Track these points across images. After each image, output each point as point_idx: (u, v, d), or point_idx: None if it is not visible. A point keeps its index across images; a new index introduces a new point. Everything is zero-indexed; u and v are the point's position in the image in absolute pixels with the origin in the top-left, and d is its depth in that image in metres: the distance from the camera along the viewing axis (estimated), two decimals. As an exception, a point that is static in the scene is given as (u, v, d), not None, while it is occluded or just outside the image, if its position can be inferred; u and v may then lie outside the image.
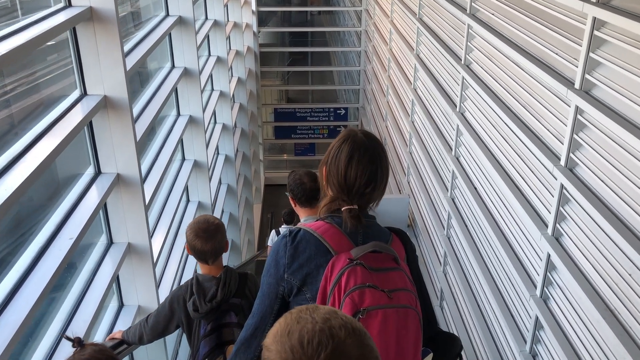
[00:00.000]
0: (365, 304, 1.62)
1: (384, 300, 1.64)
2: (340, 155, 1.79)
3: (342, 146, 1.80)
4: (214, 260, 2.71)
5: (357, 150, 1.78)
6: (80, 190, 3.61)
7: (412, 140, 8.93)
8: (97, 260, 3.87)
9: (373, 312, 1.62)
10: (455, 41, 6.64)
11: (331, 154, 1.83)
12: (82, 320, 3.29)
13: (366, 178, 1.79)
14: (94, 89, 3.62)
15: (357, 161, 1.77)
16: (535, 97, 4.40)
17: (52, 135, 3.06)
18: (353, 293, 1.63)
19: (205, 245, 2.65)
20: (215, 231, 2.68)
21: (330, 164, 1.81)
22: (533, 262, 4.40)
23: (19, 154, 2.83)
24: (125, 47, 4.42)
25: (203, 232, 2.66)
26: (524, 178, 4.59)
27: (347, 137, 1.82)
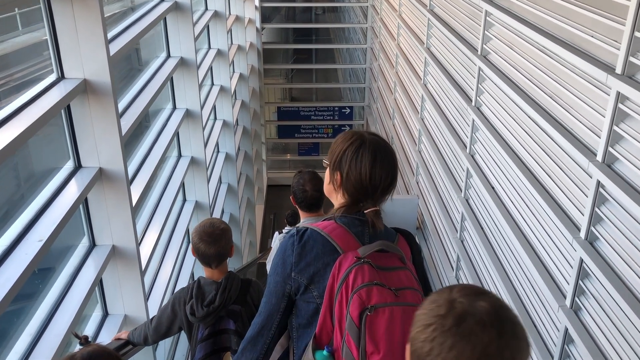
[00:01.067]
0: (372, 301, 1.63)
1: (390, 298, 1.65)
2: (362, 160, 1.78)
3: (361, 151, 1.79)
4: (217, 265, 2.71)
5: (379, 152, 1.79)
6: (56, 186, 3.20)
7: (422, 138, 8.50)
8: (77, 264, 3.46)
9: (380, 310, 1.62)
10: (470, 31, 6.21)
11: (347, 158, 1.80)
12: (54, 334, 2.86)
13: (390, 177, 1.82)
14: (72, 73, 3.21)
15: (381, 163, 1.79)
16: (566, 86, 3.97)
17: (20, 120, 2.66)
18: (361, 290, 1.63)
19: (209, 249, 2.66)
20: (220, 235, 2.69)
21: (350, 170, 1.79)
22: (562, 269, 3.96)
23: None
24: (113, 32, 4.03)
25: (207, 236, 2.67)
26: (552, 176, 4.16)
27: (359, 140, 1.82)
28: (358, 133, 1.85)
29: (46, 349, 2.79)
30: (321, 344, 1.74)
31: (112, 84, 3.25)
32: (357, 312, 1.62)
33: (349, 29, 18.31)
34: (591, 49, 3.66)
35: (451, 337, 1.07)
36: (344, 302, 1.66)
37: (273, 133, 17.07)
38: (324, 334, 1.74)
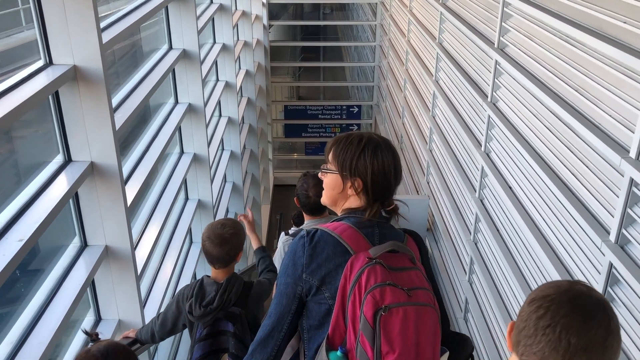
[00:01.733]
0: (386, 301, 1.63)
1: (403, 298, 1.65)
2: (382, 160, 1.79)
3: (379, 152, 1.80)
4: (220, 266, 2.69)
5: (389, 148, 1.81)
6: (42, 182, 2.95)
7: (433, 136, 8.21)
8: (67, 266, 3.21)
9: (394, 310, 1.62)
10: (486, 23, 5.93)
11: (368, 161, 1.79)
12: (38, 341, 2.62)
13: (399, 176, 1.84)
14: (61, 59, 2.96)
15: (396, 157, 1.82)
16: (593, 78, 3.69)
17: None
18: (374, 291, 1.63)
19: (214, 249, 2.65)
20: (227, 239, 2.65)
21: (374, 172, 1.79)
22: (588, 274, 3.68)
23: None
24: (108, 19, 3.79)
25: (215, 237, 2.65)
26: (577, 175, 3.87)
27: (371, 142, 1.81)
28: (363, 136, 1.85)
29: (28, 358, 2.55)
30: (334, 345, 1.73)
31: (105, 71, 3.01)
32: (371, 313, 1.62)
33: (357, 27, 18.03)
34: (623, 36, 3.38)
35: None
36: (357, 302, 1.66)
37: (280, 132, 16.81)
38: (336, 334, 1.73)
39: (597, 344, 1.22)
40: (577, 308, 1.24)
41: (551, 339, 1.23)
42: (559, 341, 1.22)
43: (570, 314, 1.23)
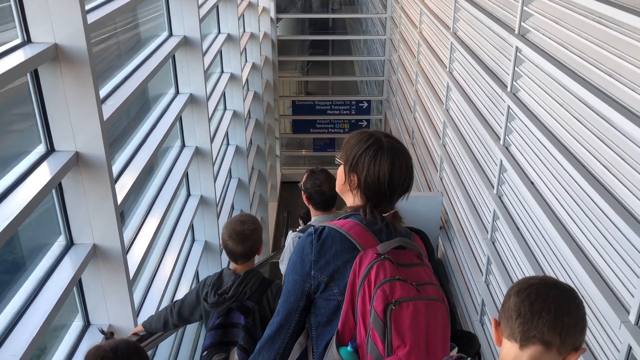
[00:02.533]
0: (396, 295, 1.63)
1: (413, 293, 1.65)
2: (380, 164, 1.78)
3: (379, 155, 1.79)
4: (243, 262, 2.74)
5: (397, 157, 1.79)
6: (21, 172, 2.66)
7: (447, 130, 7.87)
8: (50, 266, 2.92)
9: (404, 304, 1.62)
10: (505, 9, 5.58)
11: (365, 162, 1.80)
12: (10, 353, 2.32)
13: (407, 182, 1.83)
14: (40, 37, 2.66)
15: (399, 167, 1.79)
16: (631, 61, 3.34)
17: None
18: (384, 285, 1.63)
19: (237, 247, 2.69)
20: (249, 235, 2.70)
21: (368, 173, 1.79)
22: (624, 278, 3.34)
23: None
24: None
25: (236, 235, 2.69)
26: (610, 169, 3.53)
27: (377, 143, 1.81)
28: (374, 135, 1.84)
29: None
30: (344, 341, 1.73)
31: (90, 51, 2.70)
32: (381, 307, 1.62)
33: (366, 22, 17.68)
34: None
35: None
36: (367, 297, 1.66)
37: (287, 128, 16.51)
38: (346, 330, 1.73)
39: (581, 322, 1.38)
40: (562, 292, 1.38)
41: (548, 320, 1.34)
42: (555, 321, 1.34)
43: (558, 297, 1.36)
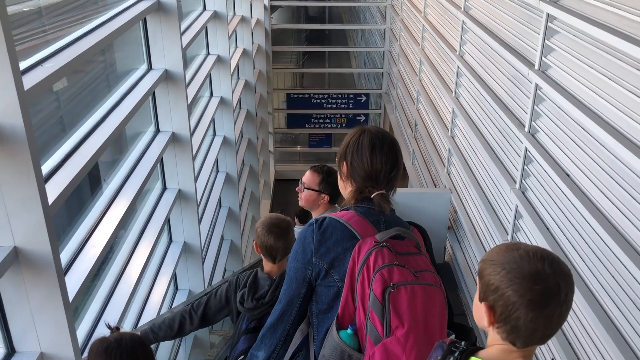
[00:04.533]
0: (394, 279, 1.69)
1: (411, 278, 1.71)
2: (362, 147, 1.89)
3: (361, 139, 1.91)
4: (281, 258, 2.69)
5: (377, 139, 1.90)
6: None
7: (456, 120, 7.12)
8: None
9: (402, 287, 1.68)
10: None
11: (350, 148, 1.93)
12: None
13: (390, 163, 1.90)
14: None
15: (380, 149, 1.89)
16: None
17: None
18: (382, 270, 1.70)
19: (277, 242, 2.64)
20: (287, 229, 2.68)
21: (353, 157, 1.91)
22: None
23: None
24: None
25: (276, 228, 2.65)
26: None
27: (361, 131, 1.95)
28: (361, 126, 1.98)
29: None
30: (344, 324, 1.78)
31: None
32: (380, 290, 1.67)
33: (364, 13, 16.93)
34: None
35: None
36: (366, 281, 1.71)
37: (282, 123, 15.74)
38: (346, 314, 1.78)
39: None
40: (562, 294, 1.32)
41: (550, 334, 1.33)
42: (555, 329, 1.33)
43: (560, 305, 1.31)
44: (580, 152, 3.88)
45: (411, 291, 1.67)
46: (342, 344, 1.74)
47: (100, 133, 3.34)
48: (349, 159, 1.90)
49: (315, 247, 1.82)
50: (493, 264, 1.33)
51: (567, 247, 4.01)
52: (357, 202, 1.87)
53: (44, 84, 2.45)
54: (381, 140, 1.89)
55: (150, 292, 4.65)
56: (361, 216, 1.84)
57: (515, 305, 1.28)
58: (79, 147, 3.11)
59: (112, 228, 3.36)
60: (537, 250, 1.32)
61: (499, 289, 1.31)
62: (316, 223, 1.84)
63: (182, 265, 5.33)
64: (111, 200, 3.72)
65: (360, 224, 1.83)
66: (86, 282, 2.88)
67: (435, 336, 1.69)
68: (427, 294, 1.70)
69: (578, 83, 3.91)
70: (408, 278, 1.69)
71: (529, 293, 1.27)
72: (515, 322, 1.29)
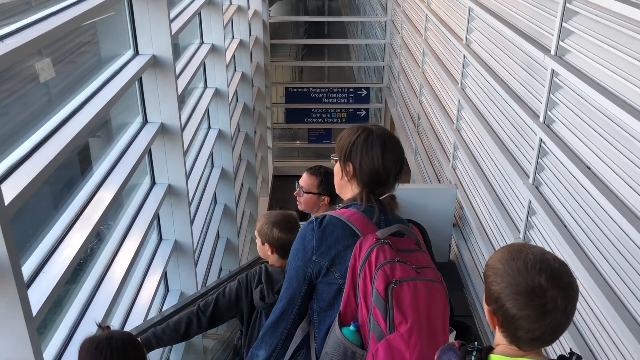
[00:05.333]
0: (396, 275, 1.69)
1: (413, 274, 1.72)
2: (373, 147, 1.86)
3: (370, 138, 1.88)
4: None
5: (387, 140, 1.88)
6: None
7: (462, 112, 6.80)
8: None
9: (405, 283, 1.68)
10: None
11: (358, 148, 1.88)
12: None
13: (400, 164, 1.90)
14: None
15: (391, 150, 1.88)
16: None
17: None
18: (385, 266, 1.69)
19: (289, 237, 2.57)
20: (296, 224, 2.65)
21: (362, 158, 1.87)
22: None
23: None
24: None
25: (285, 223, 2.63)
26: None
27: (367, 131, 1.91)
28: (363, 126, 1.94)
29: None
30: (346, 322, 1.77)
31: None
32: (382, 286, 1.66)
33: (364, 8, 16.59)
34: None
35: None
36: (367, 278, 1.71)
37: (280, 119, 15.40)
38: (348, 312, 1.77)
39: None
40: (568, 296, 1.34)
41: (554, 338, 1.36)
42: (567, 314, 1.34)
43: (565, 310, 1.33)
44: (602, 142, 3.56)
45: (414, 287, 1.68)
46: (345, 340, 1.74)
47: (76, 122, 3.02)
48: (357, 160, 1.87)
49: (315, 244, 1.81)
50: (495, 273, 1.36)
51: (587, 246, 3.70)
52: (354, 202, 1.87)
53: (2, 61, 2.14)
54: (390, 140, 1.89)
55: (138, 293, 4.34)
56: (361, 214, 1.84)
57: (514, 319, 1.33)
58: (48, 139, 2.79)
59: (89, 229, 3.04)
60: (536, 260, 1.33)
61: (499, 299, 1.35)
62: (316, 221, 1.83)
63: (173, 266, 5.02)
64: (90, 197, 3.39)
65: (360, 222, 1.82)
66: (55, 291, 2.56)
67: (438, 332, 1.72)
68: (430, 290, 1.71)
69: (600, 67, 3.60)
70: (410, 274, 1.69)
71: (526, 309, 1.30)
72: (515, 332, 1.34)
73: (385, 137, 1.89)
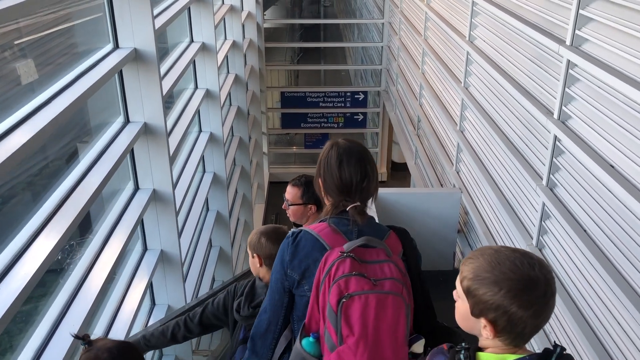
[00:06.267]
0: (350, 289, 1.75)
1: (367, 287, 1.77)
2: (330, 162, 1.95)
3: (330, 153, 1.97)
4: None
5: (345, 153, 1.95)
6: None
7: (466, 112, 6.48)
8: None
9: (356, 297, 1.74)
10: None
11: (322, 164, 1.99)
12: None
13: (360, 175, 1.95)
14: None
15: (347, 162, 1.94)
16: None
17: None
18: (340, 280, 1.76)
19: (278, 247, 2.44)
20: (285, 233, 2.48)
21: (325, 173, 1.97)
22: None
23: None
24: None
25: (274, 233, 2.61)
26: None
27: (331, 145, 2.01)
28: (331, 141, 2.02)
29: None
30: (309, 332, 1.84)
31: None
32: (335, 299, 1.73)
33: (361, 12, 16.32)
34: None
35: None
36: (326, 292, 1.77)
37: (276, 124, 15.07)
38: (312, 322, 1.85)
39: None
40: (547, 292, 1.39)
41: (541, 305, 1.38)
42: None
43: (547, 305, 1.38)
44: (628, 137, 3.23)
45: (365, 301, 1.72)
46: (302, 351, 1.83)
47: (42, 116, 2.67)
48: (322, 174, 1.96)
49: (289, 259, 1.91)
50: (486, 284, 1.36)
51: (612, 253, 3.36)
52: (332, 215, 1.93)
53: None
54: (348, 153, 1.93)
55: (120, 307, 3.98)
56: (333, 227, 1.91)
57: (523, 319, 1.35)
58: (9, 133, 2.45)
59: (56, 239, 2.69)
60: (517, 257, 1.37)
61: (501, 307, 1.35)
62: (292, 236, 1.92)
63: (159, 277, 4.66)
64: (62, 202, 3.04)
65: (330, 236, 1.89)
66: (13, 309, 2.21)
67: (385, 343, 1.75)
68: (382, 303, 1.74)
69: (624, 54, 3.27)
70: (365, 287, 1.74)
71: (533, 305, 1.34)
72: (522, 330, 1.36)
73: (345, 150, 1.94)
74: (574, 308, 3.75)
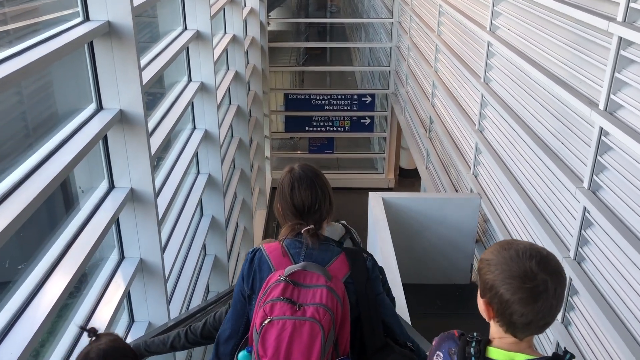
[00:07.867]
0: (273, 314, 1.85)
1: (288, 312, 1.85)
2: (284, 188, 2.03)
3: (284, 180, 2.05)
4: None
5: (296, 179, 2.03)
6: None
7: (486, 111, 5.88)
8: None
9: (275, 322, 1.84)
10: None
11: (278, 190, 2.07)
12: None
13: (311, 199, 2.03)
14: None
15: (298, 187, 2.02)
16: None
17: None
18: (266, 305, 1.86)
19: None
20: None
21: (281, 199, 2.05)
22: None
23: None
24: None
25: None
26: None
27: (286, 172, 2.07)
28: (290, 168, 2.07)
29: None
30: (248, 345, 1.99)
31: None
32: (259, 322, 1.85)
33: (368, 14, 15.77)
34: None
35: None
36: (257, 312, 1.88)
37: (280, 128, 14.51)
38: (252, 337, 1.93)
39: None
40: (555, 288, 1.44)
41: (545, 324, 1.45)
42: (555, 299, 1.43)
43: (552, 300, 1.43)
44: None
45: (282, 326, 1.82)
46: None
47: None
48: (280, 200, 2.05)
49: (245, 274, 2.00)
50: (489, 264, 1.45)
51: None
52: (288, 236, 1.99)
53: None
54: (299, 178, 2.01)
55: (88, 322, 3.39)
56: (284, 250, 1.96)
57: (509, 303, 1.41)
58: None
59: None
60: (526, 248, 1.43)
61: (494, 287, 1.43)
62: (250, 253, 2.01)
63: (138, 290, 4.06)
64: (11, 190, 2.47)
65: (278, 258, 1.96)
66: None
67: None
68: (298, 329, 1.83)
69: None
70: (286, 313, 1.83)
71: (519, 291, 1.39)
72: (510, 318, 1.42)
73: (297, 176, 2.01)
74: (623, 330, 3.14)
